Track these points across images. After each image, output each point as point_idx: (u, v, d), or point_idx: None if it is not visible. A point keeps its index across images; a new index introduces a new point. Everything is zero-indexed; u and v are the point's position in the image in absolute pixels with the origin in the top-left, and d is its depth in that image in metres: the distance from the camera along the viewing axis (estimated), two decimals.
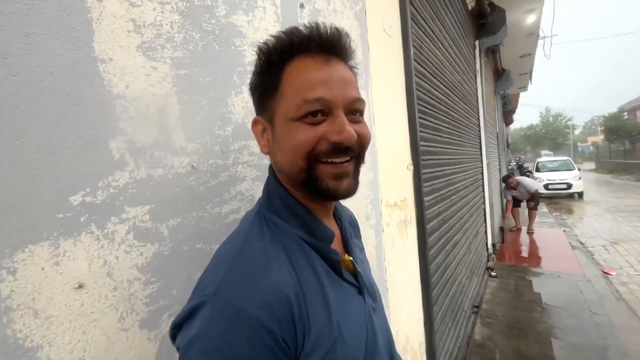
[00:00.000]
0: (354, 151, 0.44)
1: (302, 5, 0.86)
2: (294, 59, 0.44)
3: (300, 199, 0.48)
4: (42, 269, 0.43)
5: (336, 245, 0.51)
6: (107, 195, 0.49)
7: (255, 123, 0.49)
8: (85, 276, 0.46)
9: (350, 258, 0.51)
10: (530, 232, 6.08)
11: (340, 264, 0.47)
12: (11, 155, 0.40)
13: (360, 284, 0.50)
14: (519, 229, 6.32)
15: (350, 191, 0.45)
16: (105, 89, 0.49)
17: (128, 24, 0.52)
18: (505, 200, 6.67)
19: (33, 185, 0.42)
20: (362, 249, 0.63)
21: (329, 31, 0.44)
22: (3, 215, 0.39)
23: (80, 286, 0.46)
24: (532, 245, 5.44)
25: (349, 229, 0.58)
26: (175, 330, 0.38)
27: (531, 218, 6.20)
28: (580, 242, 5.58)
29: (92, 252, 0.47)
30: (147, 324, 0.53)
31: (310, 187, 0.45)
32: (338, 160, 0.43)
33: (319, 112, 0.42)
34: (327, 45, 0.43)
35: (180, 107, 0.58)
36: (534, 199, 6.12)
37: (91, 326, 0.46)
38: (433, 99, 1.86)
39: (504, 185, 6.42)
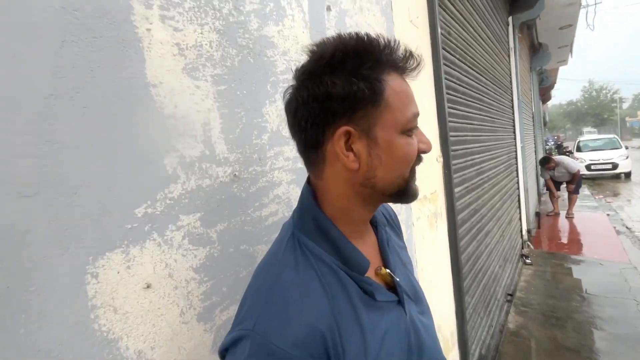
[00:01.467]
0: None
1: (328, 8, 0.87)
2: (386, 72, 0.42)
3: (339, 220, 0.47)
4: (118, 273, 0.49)
5: (373, 255, 0.51)
6: (165, 206, 0.55)
7: (344, 134, 0.42)
8: (152, 277, 0.53)
9: (388, 271, 0.50)
10: (569, 217, 5.75)
11: (374, 294, 0.46)
12: (88, 177, 0.47)
13: (399, 294, 0.50)
14: (557, 214, 5.99)
15: None
16: (157, 111, 0.54)
17: (173, 48, 0.57)
18: (543, 180, 6.29)
19: (106, 201, 0.48)
20: (403, 248, 0.62)
21: (416, 59, 0.45)
22: (86, 228, 0.46)
23: (148, 286, 0.53)
24: (571, 230, 5.17)
25: (387, 233, 0.57)
26: (223, 353, 0.43)
27: (571, 202, 5.84)
28: (627, 227, 5.22)
29: (156, 256, 0.54)
30: (203, 317, 0.59)
31: (402, 194, 0.46)
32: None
33: None
34: (413, 71, 0.46)
35: (221, 120, 0.63)
36: (574, 180, 5.72)
37: (159, 320, 0.54)
38: (463, 86, 1.80)
39: (544, 170, 6.00)
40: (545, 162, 5.84)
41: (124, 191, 0.50)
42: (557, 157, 5.97)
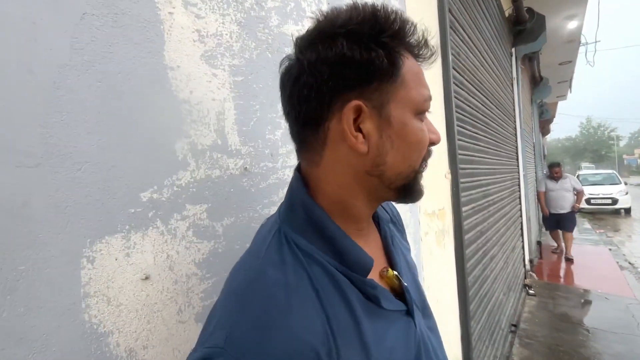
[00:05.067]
0: None
1: None
2: (403, 48, 0.37)
3: (336, 215, 0.39)
4: (116, 260, 0.46)
5: (377, 255, 0.44)
6: (172, 193, 0.52)
7: (354, 109, 0.36)
8: (151, 268, 0.49)
9: (395, 273, 0.43)
10: (569, 259, 5.00)
11: (380, 300, 0.38)
12: (94, 153, 0.44)
13: (408, 303, 0.42)
14: (562, 252, 5.23)
15: None
16: (172, 94, 0.53)
17: (193, 34, 0.56)
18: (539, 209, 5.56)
19: (110, 181, 0.46)
20: (408, 250, 0.56)
21: (431, 48, 0.41)
22: (86, 207, 0.43)
23: (147, 278, 0.49)
24: (574, 263, 5.07)
25: (391, 230, 0.51)
26: None
27: (568, 242, 5.07)
28: (629, 262, 5.14)
29: (157, 246, 0.50)
30: (202, 318, 0.55)
31: (409, 189, 0.40)
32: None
33: None
34: (427, 60, 0.41)
35: (236, 111, 0.61)
36: (579, 199, 4.93)
37: (154, 316, 0.49)
38: (471, 107, 1.82)
39: (546, 172, 5.26)
40: (554, 166, 5.04)
41: (131, 172, 0.47)
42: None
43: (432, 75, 1.34)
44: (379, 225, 0.49)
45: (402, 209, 1.08)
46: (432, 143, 0.41)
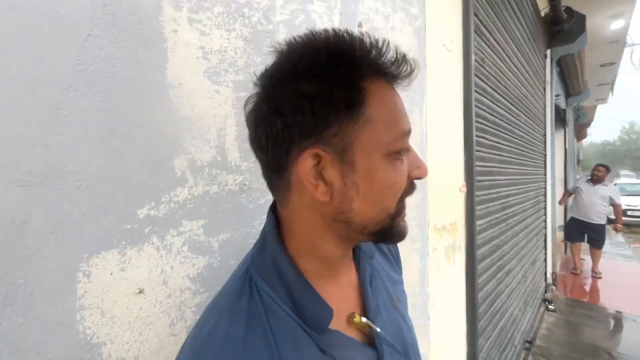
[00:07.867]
0: None
1: (360, 25, 0.86)
2: (370, 78, 0.34)
3: (304, 256, 0.39)
4: (111, 274, 0.48)
5: (351, 298, 0.43)
6: (169, 209, 0.53)
7: (312, 157, 0.33)
8: (145, 282, 0.51)
9: (364, 320, 0.41)
10: (597, 277, 4.60)
11: (335, 357, 0.37)
12: (94, 172, 0.46)
13: (379, 348, 0.41)
14: (581, 273, 4.73)
15: None
16: (173, 111, 0.54)
17: (197, 51, 0.56)
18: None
19: (109, 198, 0.47)
20: (397, 283, 0.53)
21: (410, 64, 0.36)
22: (85, 224, 0.45)
23: (141, 291, 0.50)
24: (602, 279, 4.78)
25: (373, 266, 0.48)
26: None
27: (596, 258, 4.64)
28: None
29: (152, 261, 0.51)
30: None
31: (385, 233, 0.37)
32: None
33: None
34: (405, 79, 0.36)
35: (237, 127, 0.62)
36: (618, 216, 4.48)
37: (147, 329, 0.51)
38: (493, 115, 1.73)
39: (586, 176, 4.54)
40: (599, 165, 4.39)
41: (129, 190, 0.49)
42: None
43: (452, 83, 1.28)
44: (359, 262, 0.46)
45: (409, 223, 1.05)
46: (417, 178, 0.38)
